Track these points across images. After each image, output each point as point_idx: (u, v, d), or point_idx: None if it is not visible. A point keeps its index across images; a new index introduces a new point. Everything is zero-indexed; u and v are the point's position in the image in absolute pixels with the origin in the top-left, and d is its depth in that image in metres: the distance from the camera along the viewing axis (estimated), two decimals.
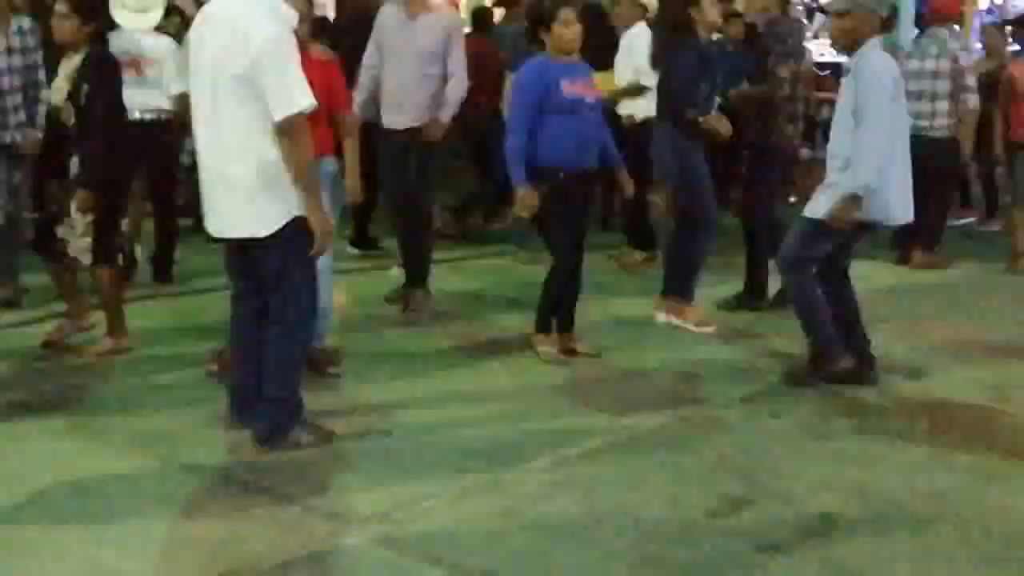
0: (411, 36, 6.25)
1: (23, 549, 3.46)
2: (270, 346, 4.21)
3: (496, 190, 8.37)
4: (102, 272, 5.41)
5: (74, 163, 5.35)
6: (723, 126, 5.96)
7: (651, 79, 7.47)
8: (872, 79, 4.82)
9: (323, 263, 5.01)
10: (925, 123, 7.49)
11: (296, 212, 4.08)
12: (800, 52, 6.68)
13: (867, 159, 4.77)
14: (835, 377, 5.03)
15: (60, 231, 5.38)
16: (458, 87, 6.30)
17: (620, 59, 7.76)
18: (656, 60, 6.18)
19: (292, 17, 4.16)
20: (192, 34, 4.20)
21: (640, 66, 7.54)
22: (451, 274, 7.41)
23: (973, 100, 7.61)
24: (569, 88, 5.26)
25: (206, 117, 4.08)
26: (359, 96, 6.38)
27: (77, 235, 5.35)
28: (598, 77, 7.92)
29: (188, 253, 7.31)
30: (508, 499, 3.90)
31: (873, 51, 4.91)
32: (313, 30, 5.29)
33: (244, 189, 4.05)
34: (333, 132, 5.17)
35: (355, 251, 8.03)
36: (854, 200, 4.80)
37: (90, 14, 5.40)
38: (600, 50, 8.05)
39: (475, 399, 4.97)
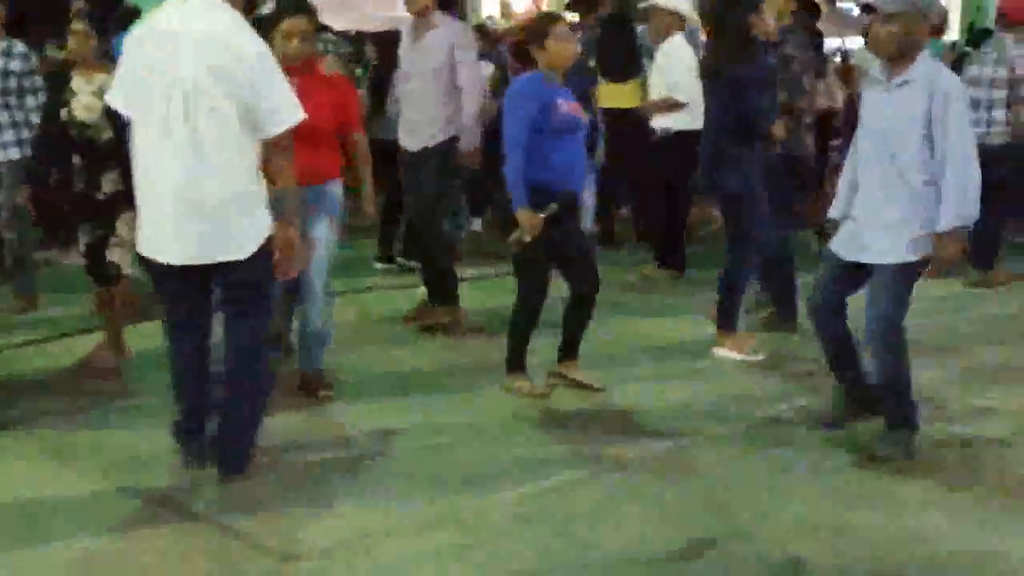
0: (417, 55, 6.17)
1: None
2: (239, 373, 4.11)
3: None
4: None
5: (107, 180, 5.34)
6: (780, 130, 5.79)
7: (687, 93, 7.30)
8: (959, 94, 4.21)
9: (320, 286, 4.96)
10: (981, 131, 7.13)
11: (268, 231, 4.00)
12: (814, 61, 6.40)
13: (974, 187, 4.17)
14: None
15: (110, 253, 5.38)
16: (470, 104, 6.14)
17: (656, 72, 7.53)
18: (715, 71, 5.85)
19: None
20: (146, 51, 3.97)
21: (677, 81, 7.35)
22: (483, 292, 7.25)
23: None
24: (565, 107, 5.03)
25: (175, 140, 3.90)
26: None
27: (128, 251, 5.35)
28: (620, 89, 7.83)
29: None
30: (468, 533, 3.75)
31: (935, 61, 4.46)
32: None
33: (225, 212, 3.93)
34: (341, 152, 5.09)
35: (380, 266, 7.98)
36: (959, 235, 4.22)
37: (103, 32, 5.45)
38: (622, 60, 7.90)
39: (464, 425, 4.82)
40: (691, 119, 7.26)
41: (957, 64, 7.52)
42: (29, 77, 6.45)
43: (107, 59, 5.52)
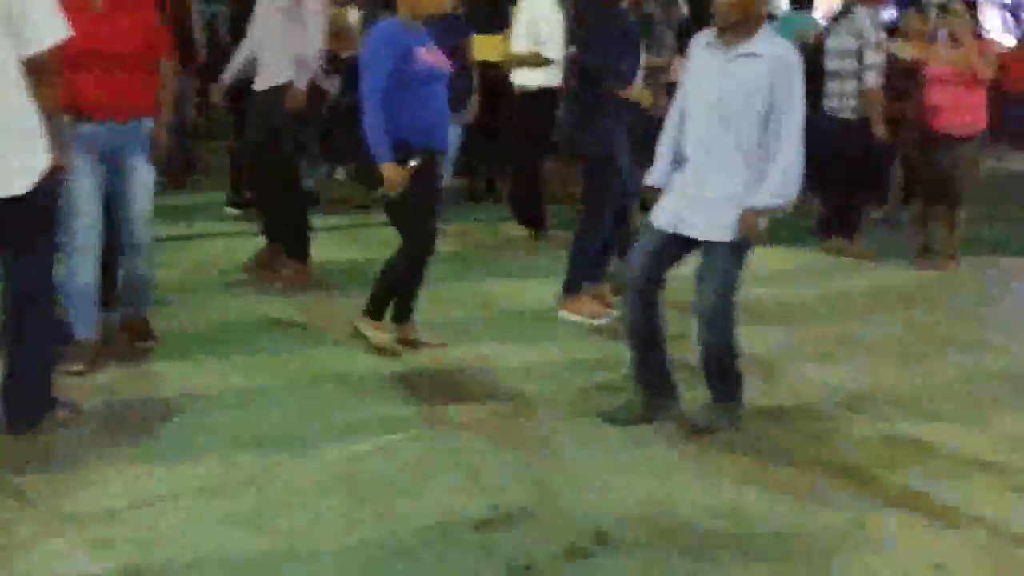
0: None
1: None
2: (22, 319, 3.82)
3: None
4: None
5: None
6: (645, 97, 5.64)
7: (551, 49, 7.15)
8: (799, 71, 4.03)
9: (143, 230, 4.67)
10: (834, 104, 7.14)
11: (46, 165, 3.70)
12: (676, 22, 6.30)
13: (798, 165, 4.03)
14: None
15: None
16: (307, 46, 5.86)
17: (519, 26, 7.34)
18: (575, 29, 5.68)
19: None
20: None
21: (540, 34, 7.19)
22: (335, 243, 7.02)
23: (872, 79, 7.19)
24: (424, 57, 4.79)
25: None
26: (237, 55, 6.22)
27: None
28: (485, 41, 7.64)
29: None
30: (259, 499, 3.56)
31: (778, 36, 4.16)
32: None
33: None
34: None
35: (234, 212, 7.69)
36: (771, 211, 4.07)
37: None
38: (486, 12, 7.71)
39: (287, 385, 4.61)
40: (553, 75, 7.15)
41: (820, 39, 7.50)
42: None
43: None
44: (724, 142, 4.10)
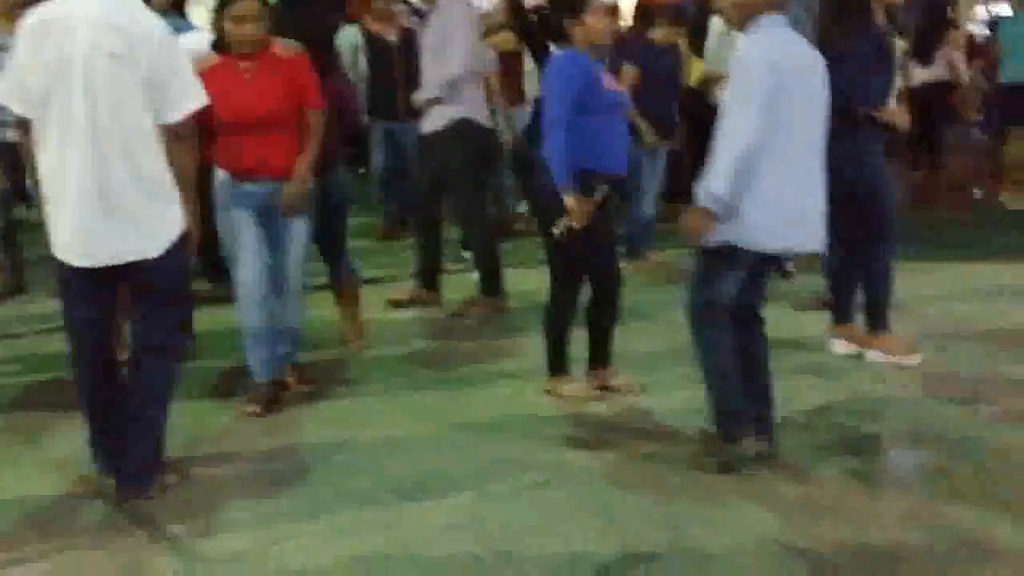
0: (424, 32, 6.14)
1: None
2: (148, 376, 3.90)
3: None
4: None
5: None
6: (901, 118, 5.26)
7: None
8: (746, 69, 3.78)
9: (295, 282, 4.77)
10: None
11: (180, 226, 3.83)
12: None
13: (720, 165, 3.77)
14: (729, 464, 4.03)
15: None
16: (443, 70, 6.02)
17: (711, 44, 7.18)
18: (823, 47, 5.35)
19: None
20: (38, 43, 3.64)
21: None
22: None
23: None
24: (608, 84, 4.71)
25: (75, 135, 3.61)
26: None
27: None
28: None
29: None
30: (387, 541, 3.55)
31: (761, 33, 3.86)
32: None
33: (132, 207, 3.69)
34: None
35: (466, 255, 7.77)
36: (705, 213, 3.83)
37: None
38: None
39: (447, 425, 4.58)
40: None
41: None
42: None
43: None
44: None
